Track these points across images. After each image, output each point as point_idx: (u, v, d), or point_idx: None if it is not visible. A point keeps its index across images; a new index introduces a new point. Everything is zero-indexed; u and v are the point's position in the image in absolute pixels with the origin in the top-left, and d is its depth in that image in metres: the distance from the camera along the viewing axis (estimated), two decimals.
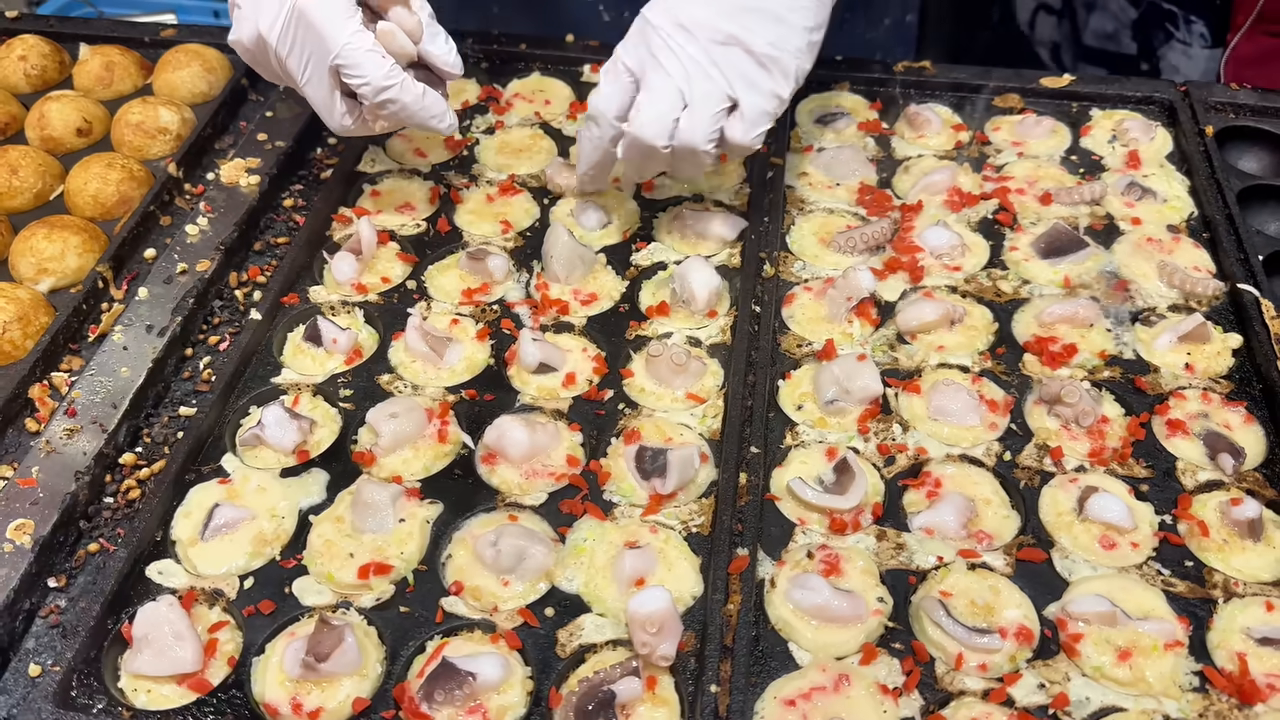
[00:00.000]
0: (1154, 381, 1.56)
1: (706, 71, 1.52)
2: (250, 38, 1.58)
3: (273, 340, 1.63)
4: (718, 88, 1.52)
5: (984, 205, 1.85)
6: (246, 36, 1.59)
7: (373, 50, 1.54)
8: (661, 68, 1.53)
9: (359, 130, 1.65)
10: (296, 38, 1.53)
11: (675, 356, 1.55)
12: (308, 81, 1.58)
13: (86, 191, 1.83)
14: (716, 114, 1.53)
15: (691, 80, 1.52)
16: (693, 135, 1.53)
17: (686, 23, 1.52)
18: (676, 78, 1.52)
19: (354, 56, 1.53)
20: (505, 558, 1.31)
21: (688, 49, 1.52)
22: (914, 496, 1.43)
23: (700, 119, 1.52)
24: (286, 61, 1.56)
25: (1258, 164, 2.00)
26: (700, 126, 1.53)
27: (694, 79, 1.52)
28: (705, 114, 1.52)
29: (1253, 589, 1.32)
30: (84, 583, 1.34)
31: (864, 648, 1.26)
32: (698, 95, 1.52)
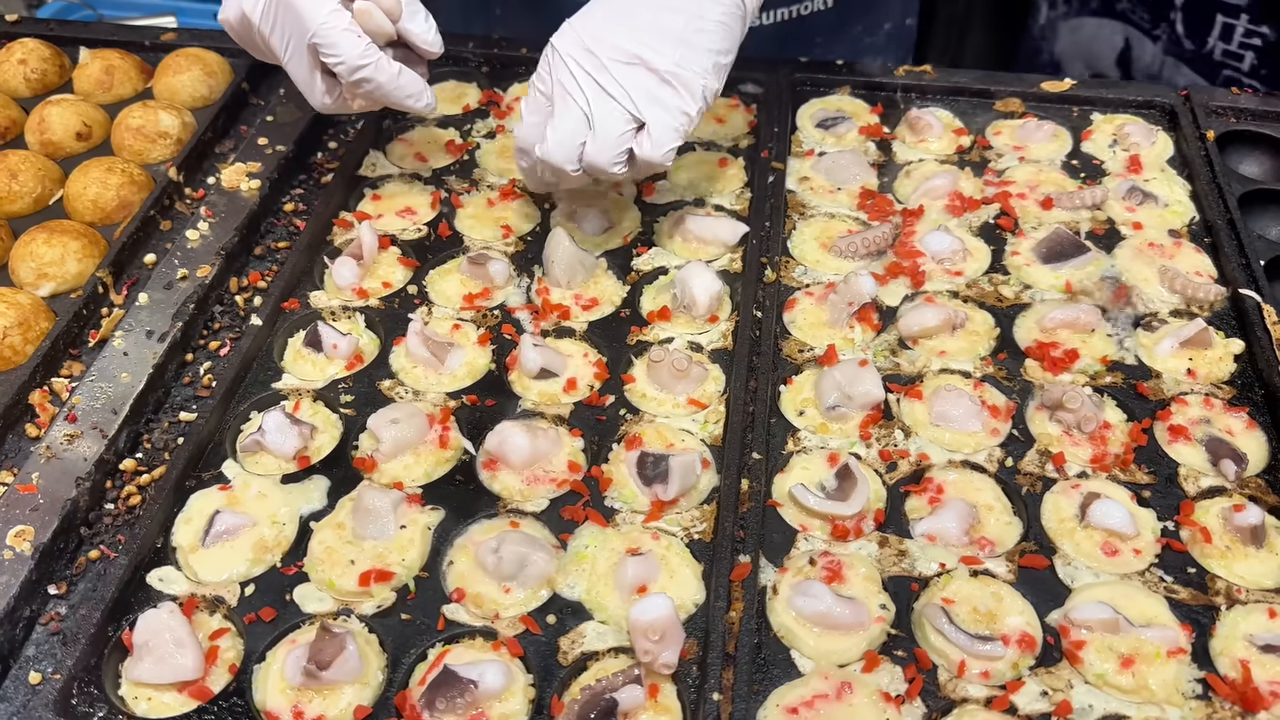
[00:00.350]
0: (1156, 387, 1.56)
1: (610, 93, 1.53)
2: (236, 16, 1.61)
3: (273, 345, 1.62)
4: (621, 109, 1.53)
5: (985, 210, 1.85)
6: (233, 15, 1.62)
7: (349, 29, 1.55)
8: (567, 94, 1.55)
9: (339, 108, 1.67)
10: (277, 17, 1.56)
11: (677, 362, 1.55)
12: (289, 59, 1.61)
13: (86, 196, 1.83)
14: (622, 135, 1.54)
15: (593, 103, 1.53)
16: (598, 157, 1.55)
17: (591, 46, 1.54)
18: (580, 102, 1.54)
19: (329, 35, 1.54)
20: (507, 564, 1.31)
21: (591, 72, 1.54)
22: (916, 503, 1.43)
23: (605, 141, 1.54)
24: (269, 40, 1.59)
25: (1259, 168, 2.00)
26: (605, 148, 1.54)
27: (595, 102, 1.53)
28: (610, 136, 1.54)
29: (1255, 596, 1.32)
30: (84, 590, 1.34)
31: (866, 655, 1.25)
32: (601, 116, 1.53)
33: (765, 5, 2.18)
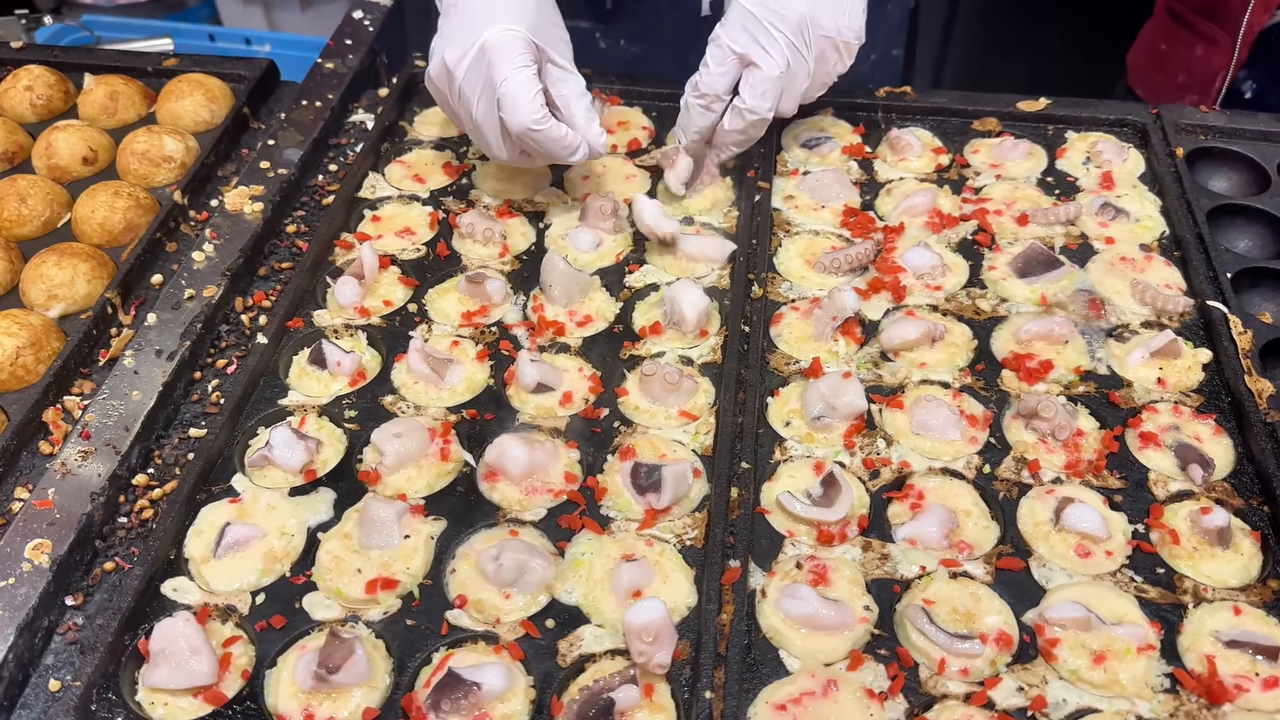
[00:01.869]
0: (1127, 396, 1.63)
1: (801, 55, 1.79)
2: (437, 68, 1.78)
3: (279, 363, 1.68)
4: (807, 68, 1.82)
5: (963, 226, 1.91)
6: (435, 68, 1.79)
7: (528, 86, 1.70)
8: (767, 52, 1.78)
9: (514, 160, 1.83)
10: (475, 69, 1.72)
11: (668, 375, 1.61)
12: (478, 109, 1.75)
13: (94, 219, 1.89)
14: (804, 90, 1.86)
15: (790, 62, 1.79)
16: (788, 108, 1.87)
17: (777, 8, 1.77)
18: (778, 60, 1.78)
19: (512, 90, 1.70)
20: (507, 571, 1.37)
21: (784, 33, 1.77)
22: (898, 508, 1.49)
23: (794, 95, 1.85)
24: (464, 91, 1.75)
25: (1226, 183, 2.08)
26: (793, 101, 1.86)
27: (791, 62, 1.79)
28: (797, 91, 1.85)
29: (1221, 594, 1.38)
30: (101, 600, 1.39)
31: (851, 654, 1.31)
32: (793, 76, 1.82)
33: None
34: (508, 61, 1.68)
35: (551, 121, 1.73)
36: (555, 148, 1.75)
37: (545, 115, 1.71)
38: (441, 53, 1.74)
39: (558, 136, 1.73)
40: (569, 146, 1.76)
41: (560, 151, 1.76)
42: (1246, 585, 1.40)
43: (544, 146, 1.74)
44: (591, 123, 1.80)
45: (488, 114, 1.74)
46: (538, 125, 1.70)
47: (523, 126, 1.70)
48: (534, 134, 1.71)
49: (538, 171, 2.03)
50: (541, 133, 1.71)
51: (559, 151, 1.76)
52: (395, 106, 2.16)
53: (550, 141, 1.73)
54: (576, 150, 1.77)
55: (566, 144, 1.75)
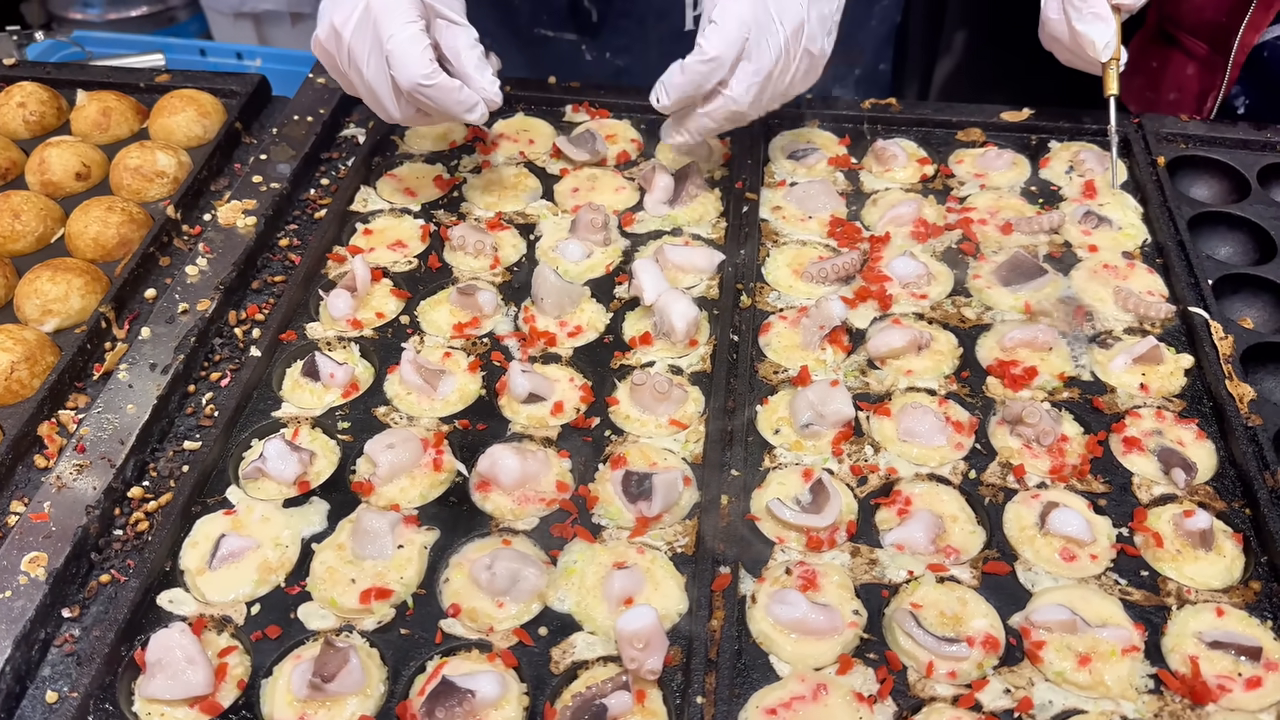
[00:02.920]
0: (1111, 401, 1.65)
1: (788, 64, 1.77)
2: (326, 32, 1.73)
3: (272, 376, 1.69)
4: (787, 80, 1.80)
5: (948, 235, 1.94)
6: (324, 31, 1.73)
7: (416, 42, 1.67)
8: (766, 49, 1.73)
9: (409, 121, 1.80)
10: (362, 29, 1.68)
11: (658, 385, 1.63)
12: (368, 69, 1.71)
13: (87, 234, 1.90)
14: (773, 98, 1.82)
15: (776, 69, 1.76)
16: (758, 111, 1.82)
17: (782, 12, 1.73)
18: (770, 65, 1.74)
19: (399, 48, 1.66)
20: (500, 580, 1.38)
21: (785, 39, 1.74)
22: (885, 514, 1.51)
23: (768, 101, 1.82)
24: (354, 52, 1.70)
25: (1207, 191, 2.11)
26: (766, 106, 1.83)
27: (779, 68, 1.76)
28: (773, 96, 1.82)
29: (1204, 596, 1.40)
30: (97, 612, 1.40)
31: (840, 658, 1.33)
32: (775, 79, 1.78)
33: None
34: (393, 18, 1.65)
35: (442, 76, 1.69)
36: (449, 103, 1.72)
37: (435, 70, 1.68)
38: (329, 16, 1.71)
39: (450, 89, 1.70)
40: (463, 102, 1.73)
41: (455, 107, 1.73)
42: (1229, 587, 1.42)
43: (437, 103, 1.72)
44: (483, 74, 1.76)
45: (379, 74, 1.71)
46: (427, 80, 1.68)
47: (413, 83, 1.68)
48: (425, 90, 1.69)
49: (528, 185, 2.06)
50: (433, 88, 1.69)
51: (453, 108, 1.73)
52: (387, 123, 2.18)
53: (443, 97, 1.71)
54: (474, 107, 1.75)
55: (460, 99, 1.72)
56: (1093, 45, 1.90)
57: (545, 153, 2.14)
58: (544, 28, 2.30)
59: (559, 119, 2.22)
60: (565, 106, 2.24)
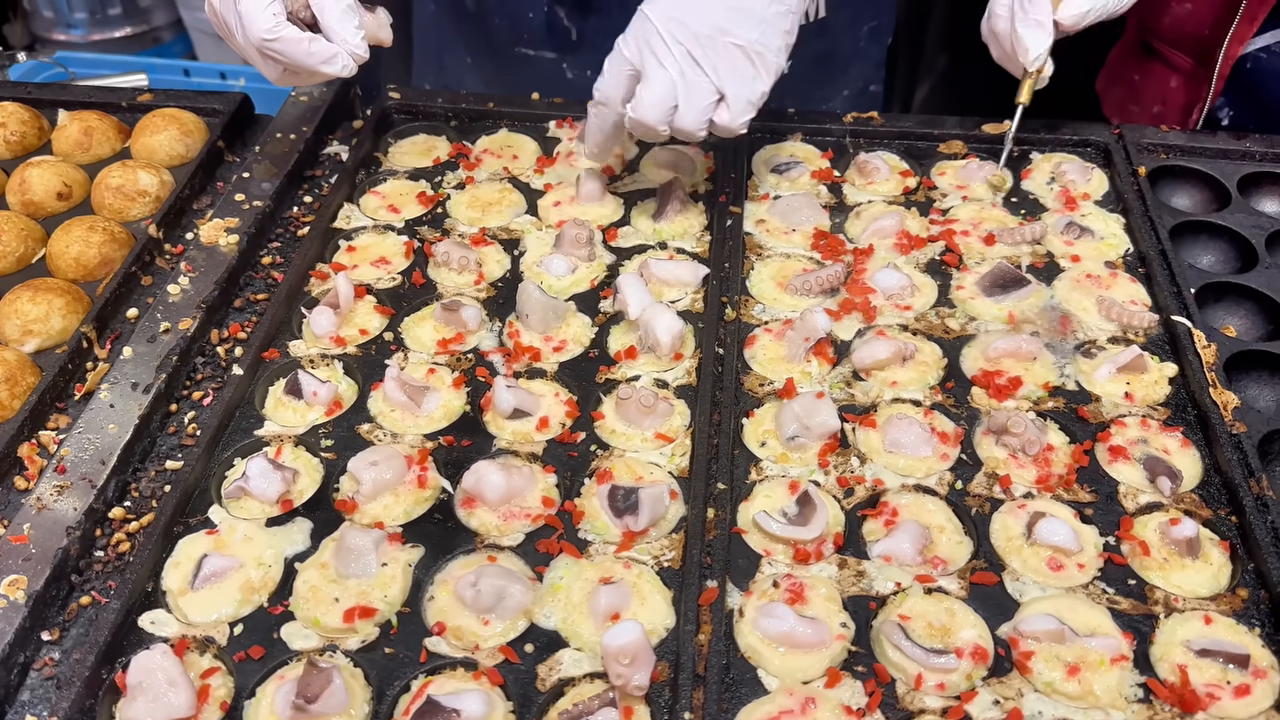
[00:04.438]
0: (1095, 410, 1.65)
1: (699, 66, 1.68)
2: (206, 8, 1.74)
3: (255, 394, 1.68)
4: (708, 82, 1.70)
5: (931, 247, 1.95)
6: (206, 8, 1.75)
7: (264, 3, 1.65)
8: (660, 62, 1.69)
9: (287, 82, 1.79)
10: None
11: (643, 399, 1.62)
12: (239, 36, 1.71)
13: (69, 254, 1.89)
14: (707, 105, 1.71)
15: (686, 73, 1.69)
16: (686, 123, 1.72)
17: (683, 17, 1.68)
18: (671, 71, 1.69)
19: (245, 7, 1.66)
20: (485, 597, 1.37)
21: (684, 42, 1.68)
22: (872, 526, 1.50)
23: (693, 110, 1.71)
24: (227, 19, 1.70)
25: (1189, 201, 2.12)
26: (693, 116, 1.72)
27: (687, 71, 1.69)
28: (698, 105, 1.71)
29: (1192, 604, 1.40)
30: (77, 635, 1.38)
31: (829, 671, 1.32)
32: (691, 86, 1.70)
33: None
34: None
35: (287, 30, 1.67)
36: (301, 57, 1.69)
37: (278, 24, 1.66)
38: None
39: (296, 42, 1.67)
40: (316, 54, 1.70)
41: (308, 60, 1.70)
42: (1216, 594, 1.42)
43: (288, 57, 1.69)
44: (345, 25, 1.72)
45: (244, 38, 1.70)
46: (270, 35, 1.66)
47: (258, 39, 1.66)
48: (271, 45, 1.67)
49: (512, 200, 2.05)
50: (277, 42, 1.66)
51: (307, 61, 1.70)
52: (370, 137, 2.18)
53: (291, 50, 1.68)
54: (332, 59, 1.72)
55: (312, 51, 1.69)
56: (1026, 52, 1.92)
57: (529, 168, 2.14)
58: (524, 46, 2.31)
59: (543, 134, 2.23)
60: (549, 122, 2.24)
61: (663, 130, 1.73)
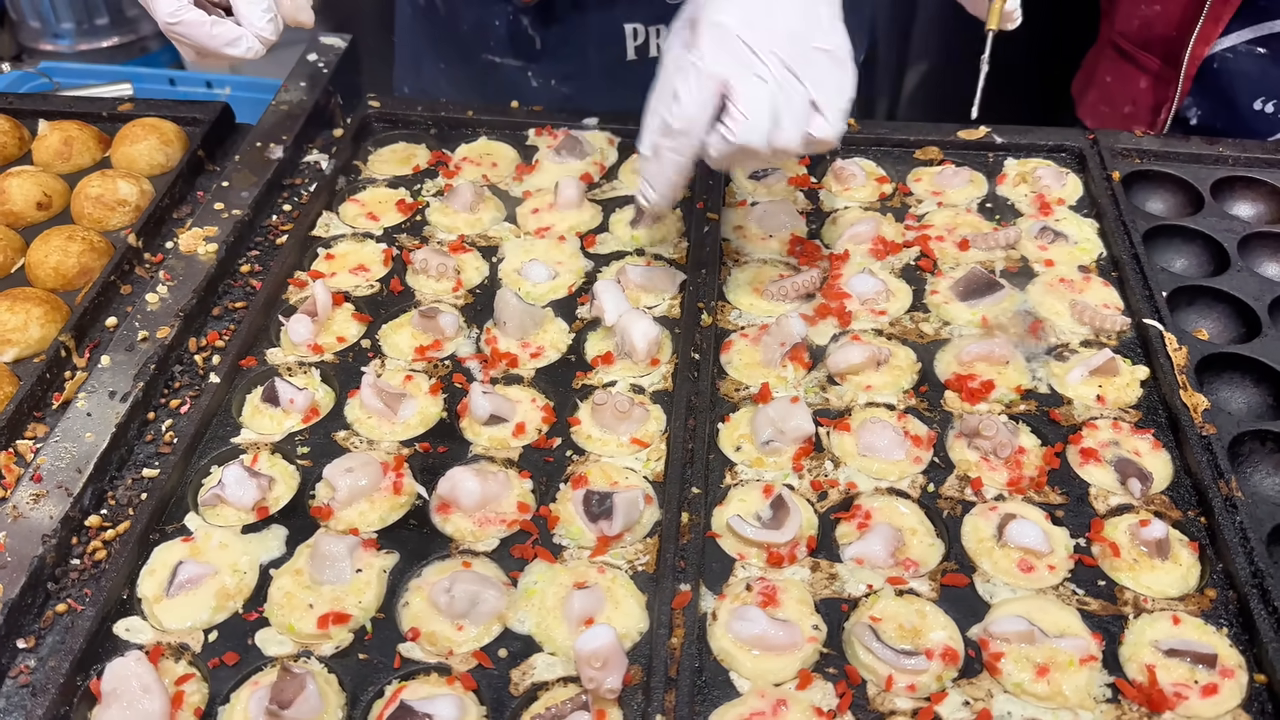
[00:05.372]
0: (1067, 413, 1.67)
1: (795, 75, 1.53)
2: None
3: (232, 402, 1.69)
4: (805, 92, 1.54)
5: (906, 253, 1.96)
6: None
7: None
8: (755, 74, 1.52)
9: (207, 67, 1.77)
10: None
11: (619, 404, 1.63)
12: None
13: (48, 264, 1.90)
14: (806, 117, 1.55)
15: (783, 85, 1.52)
16: (788, 140, 1.54)
17: (765, 25, 1.52)
18: (770, 83, 1.51)
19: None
20: (459, 603, 1.38)
21: (775, 53, 1.51)
22: (845, 529, 1.51)
23: (795, 123, 1.54)
24: None
25: (1162, 205, 2.14)
26: (796, 130, 1.54)
27: (785, 84, 1.52)
28: (799, 118, 1.54)
29: (1161, 604, 1.42)
30: (53, 642, 1.39)
31: (800, 673, 1.33)
32: (789, 100, 1.53)
33: None
34: None
35: (190, 13, 1.66)
36: (203, 39, 1.68)
37: (180, 8, 1.65)
38: None
39: (198, 25, 1.66)
40: (219, 37, 1.69)
41: (211, 43, 1.69)
42: (1185, 595, 1.44)
43: (192, 40, 1.68)
44: (253, 8, 1.71)
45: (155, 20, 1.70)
46: (172, 18, 1.65)
47: (163, 23, 1.66)
48: (175, 29, 1.66)
49: (491, 207, 2.06)
50: (180, 25, 1.66)
51: (210, 44, 1.69)
52: (350, 146, 2.19)
53: (194, 33, 1.67)
54: (235, 42, 1.70)
55: (214, 34, 1.68)
56: None
57: (508, 176, 2.15)
58: (490, 54, 2.31)
59: (521, 142, 2.24)
60: (528, 130, 2.25)
61: (765, 153, 1.54)
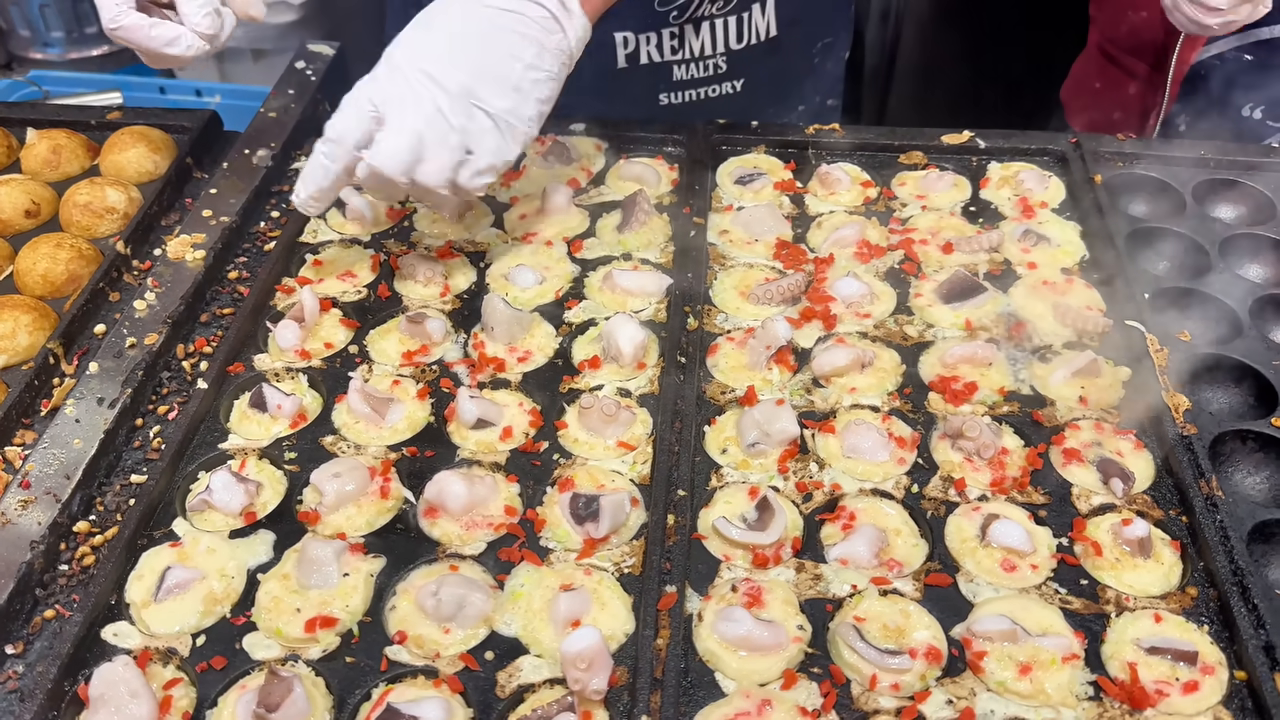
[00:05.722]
0: (1050, 414, 1.68)
1: (450, 123, 1.62)
2: None
3: (219, 408, 1.69)
4: (457, 140, 1.64)
5: (890, 256, 1.97)
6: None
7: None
8: (407, 109, 1.62)
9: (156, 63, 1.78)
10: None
11: (606, 408, 1.64)
12: None
13: (36, 271, 1.90)
14: (453, 163, 1.65)
15: (432, 127, 1.62)
16: (428, 177, 1.64)
17: (435, 72, 1.62)
18: (419, 122, 1.62)
19: None
20: (446, 606, 1.38)
21: (435, 99, 1.61)
22: (830, 529, 1.52)
23: (438, 165, 1.64)
24: None
25: (1144, 207, 2.16)
26: (437, 171, 1.64)
27: (433, 128, 1.62)
28: (443, 162, 1.64)
29: (1143, 603, 1.43)
30: (41, 648, 1.39)
31: (785, 674, 1.34)
32: (436, 143, 1.63)
33: (673, 88, 2.32)
34: None
35: (130, 17, 1.69)
36: (144, 40, 1.71)
37: (120, 12, 1.68)
38: None
39: (139, 27, 1.69)
40: (158, 37, 1.71)
41: (152, 44, 1.71)
42: (1167, 593, 1.45)
43: (135, 43, 1.72)
44: (191, 5, 1.72)
45: None
46: (114, 23, 1.68)
47: (107, 28, 1.69)
48: (118, 33, 1.69)
49: (478, 212, 2.07)
50: (121, 29, 1.69)
51: (151, 44, 1.71)
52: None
53: (136, 36, 1.70)
54: (174, 41, 1.72)
55: (154, 35, 1.71)
56: None
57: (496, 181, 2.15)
58: None
59: None
60: None
61: (402, 183, 1.65)
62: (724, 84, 2.34)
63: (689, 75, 2.30)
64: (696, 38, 2.22)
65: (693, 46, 2.24)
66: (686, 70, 2.29)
